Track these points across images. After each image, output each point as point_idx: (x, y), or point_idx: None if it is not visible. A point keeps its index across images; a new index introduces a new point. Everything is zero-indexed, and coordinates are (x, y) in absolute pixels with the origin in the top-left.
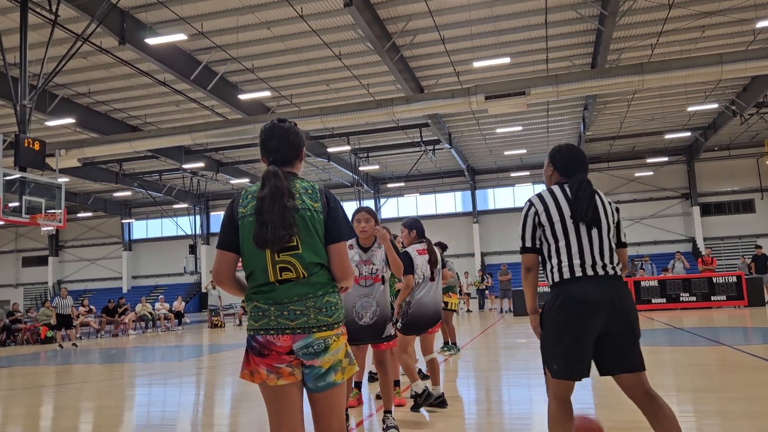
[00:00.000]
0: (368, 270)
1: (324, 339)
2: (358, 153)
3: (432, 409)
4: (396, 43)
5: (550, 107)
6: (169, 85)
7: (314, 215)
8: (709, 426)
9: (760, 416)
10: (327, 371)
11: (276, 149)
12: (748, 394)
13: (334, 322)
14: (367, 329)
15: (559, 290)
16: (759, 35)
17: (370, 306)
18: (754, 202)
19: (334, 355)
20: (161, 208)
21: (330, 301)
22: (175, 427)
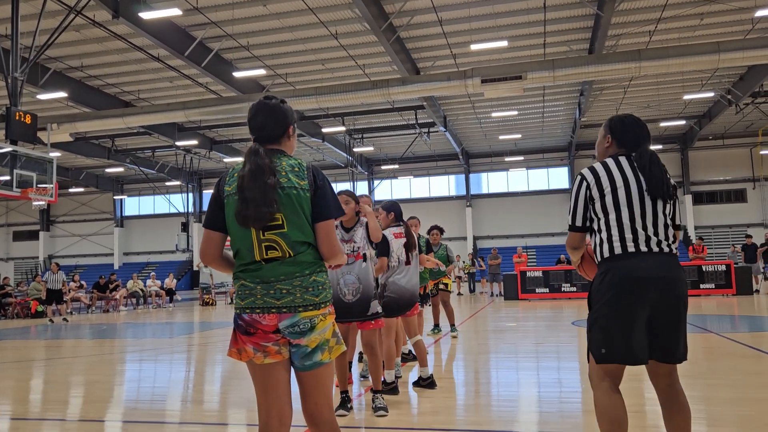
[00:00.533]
0: (350, 248)
1: (310, 318)
2: (353, 134)
3: (420, 390)
4: (393, 24)
5: (546, 92)
6: (163, 60)
7: (300, 193)
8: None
9: (744, 402)
10: (314, 350)
11: (261, 126)
12: (733, 381)
13: (321, 301)
14: (352, 306)
15: (608, 266)
16: (757, 24)
17: (353, 283)
18: (746, 192)
19: (321, 335)
20: (153, 185)
21: (317, 281)
22: (164, 403)
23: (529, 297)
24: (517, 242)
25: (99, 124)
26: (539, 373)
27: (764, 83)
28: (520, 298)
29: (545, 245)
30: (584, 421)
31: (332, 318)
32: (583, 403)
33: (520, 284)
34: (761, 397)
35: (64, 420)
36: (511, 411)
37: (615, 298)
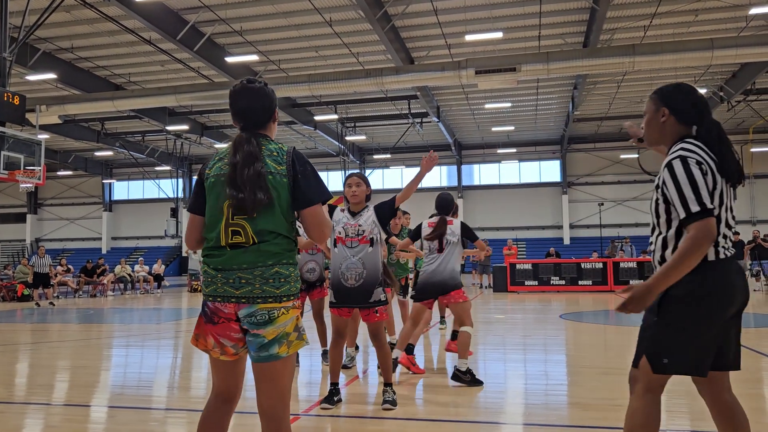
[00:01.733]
0: (354, 231)
1: (268, 310)
2: (345, 122)
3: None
4: (388, 12)
5: (540, 85)
6: (155, 44)
7: (276, 178)
8: (676, 405)
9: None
10: (271, 342)
11: (247, 111)
12: None
13: (283, 294)
14: (354, 291)
15: (706, 272)
16: (751, 22)
17: (356, 267)
18: (736, 189)
19: (280, 328)
20: (143, 169)
21: (280, 272)
22: (151, 389)
23: (518, 289)
24: (508, 234)
25: (88, 106)
26: (526, 365)
27: (756, 81)
28: (509, 291)
29: (535, 238)
30: (569, 413)
31: (296, 312)
32: (568, 396)
33: (510, 276)
34: (743, 392)
35: (49, 404)
36: (497, 403)
37: (710, 310)
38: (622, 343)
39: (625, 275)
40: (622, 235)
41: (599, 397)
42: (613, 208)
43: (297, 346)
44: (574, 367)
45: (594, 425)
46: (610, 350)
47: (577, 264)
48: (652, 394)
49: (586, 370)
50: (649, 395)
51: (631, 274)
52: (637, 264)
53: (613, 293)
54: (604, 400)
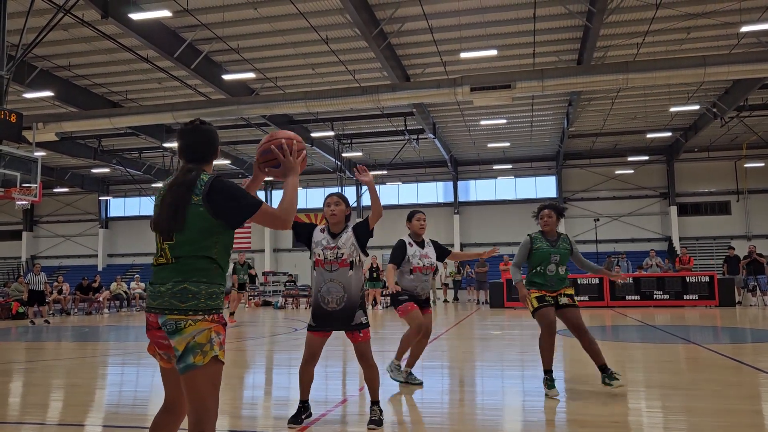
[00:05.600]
0: (333, 254)
1: (176, 321)
2: (342, 139)
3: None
4: (384, 30)
5: (535, 101)
6: (152, 62)
7: (193, 208)
8: (674, 422)
9: (724, 414)
10: (185, 352)
11: (184, 148)
12: (714, 392)
13: (189, 309)
14: (335, 315)
15: None
16: (743, 39)
17: (336, 291)
18: (730, 204)
19: (188, 338)
20: (140, 186)
21: (188, 289)
22: (147, 408)
23: (515, 305)
24: (504, 250)
25: (86, 124)
26: (524, 381)
27: (749, 97)
28: (505, 306)
29: None
30: (568, 430)
31: (210, 326)
32: (567, 413)
33: (506, 292)
34: (741, 408)
35: (43, 424)
36: (494, 420)
37: None
38: (618, 359)
39: (622, 291)
40: (618, 251)
41: (596, 414)
42: (608, 224)
43: (210, 355)
44: (571, 384)
45: None
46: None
47: (573, 280)
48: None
49: (584, 386)
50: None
51: (627, 289)
52: (633, 280)
53: (610, 309)
54: (601, 417)
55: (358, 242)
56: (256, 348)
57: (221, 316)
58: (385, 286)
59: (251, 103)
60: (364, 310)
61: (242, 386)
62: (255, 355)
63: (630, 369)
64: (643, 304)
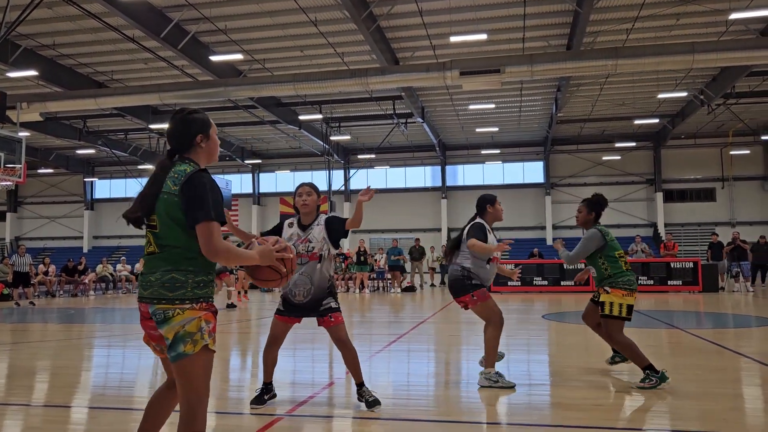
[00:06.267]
0: (305, 247)
1: (164, 311)
2: (330, 122)
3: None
4: (373, 13)
5: (524, 87)
6: (138, 41)
7: (169, 198)
8: (656, 405)
9: (705, 397)
10: (175, 341)
11: (167, 136)
12: (696, 376)
13: (176, 298)
14: (302, 307)
15: None
16: (731, 27)
17: (304, 284)
18: (715, 191)
19: (176, 327)
20: (126, 167)
21: (175, 278)
22: (133, 389)
23: (501, 290)
24: None
25: (70, 104)
26: (509, 365)
27: (736, 85)
28: (492, 291)
29: (519, 238)
30: (552, 413)
31: (200, 314)
32: (551, 396)
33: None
34: (722, 392)
35: (28, 405)
36: (479, 403)
37: None
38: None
39: None
40: None
41: (581, 397)
42: None
43: (200, 344)
44: (556, 367)
45: (576, 425)
46: (592, 351)
47: (559, 265)
48: None
49: (569, 370)
50: None
51: None
52: None
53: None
54: (585, 400)
55: (329, 237)
56: (243, 331)
57: (211, 305)
58: (372, 270)
59: (239, 85)
60: (334, 297)
61: (229, 369)
62: (242, 338)
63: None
64: None
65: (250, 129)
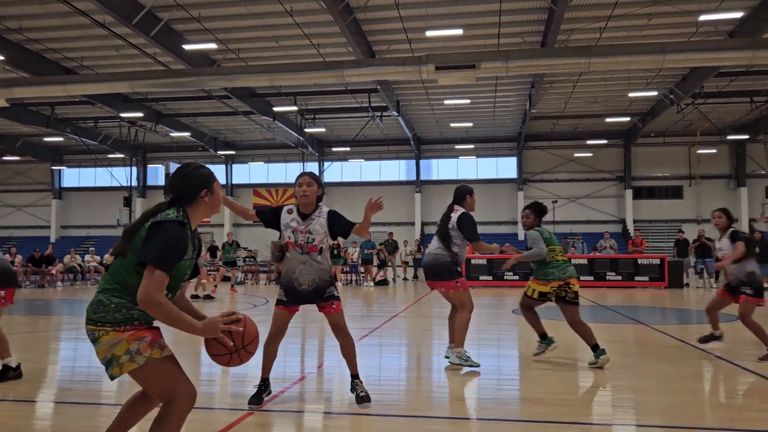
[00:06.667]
0: (305, 239)
1: (91, 331)
2: (305, 114)
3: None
4: (350, 4)
5: (499, 82)
6: (109, 27)
7: (137, 240)
8: (620, 400)
9: (667, 392)
10: (107, 364)
11: (171, 189)
12: (659, 371)
13: (99, 320)
14: (308, 295)
15: None
16: (701, 28)
17: (308, 274)
18: (683, 189)
19: (103, 348)
20: (95, 156)
21: (101, 301)
22: (101, 384)
23: (473, 284)
24: None
25: (38, 90)
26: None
27: (704, 85)
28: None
29: (491, 233)
30: (521, 407)
31: (121, 336)
32: (520, 390)
33: (465, 271)
34: (683, 387)
35: None
36: (450, 398)
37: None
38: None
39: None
40: (575, 232)
41: (549, 392)
42: (566, 206)
43: (129, 367)
44: (525, 362)
45: (543, 420)
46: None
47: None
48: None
49: (537, 365)
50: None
51: (582, 270)
52: (588, 261)
53: None
54: (553, 395)
55: (330, 231)
56: None
57: (139, 325)
58: (345, 263)
59: (212, 75)
60: (334, 286)
61: (199, 363)
62: None
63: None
64: (596, 285)
65: (224, 119)
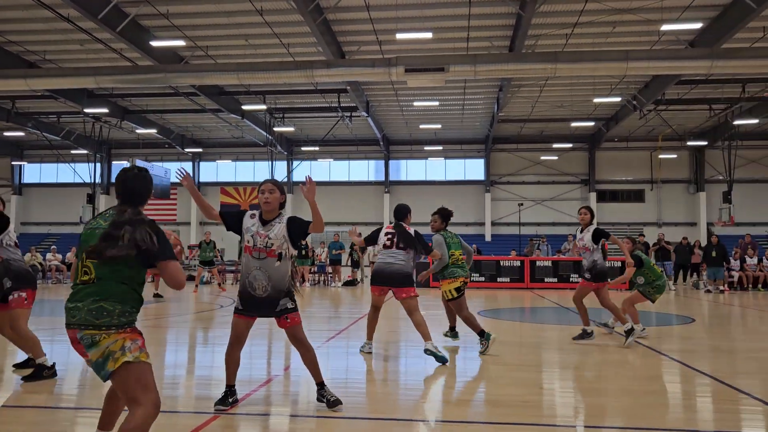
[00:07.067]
0: (263, 243)
1: (91, 336)
2: (274, 113)
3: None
4: (320, 5)
5: (467, 85)
6: (74, 21)
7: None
8: (579, 402)
9: (626, 394)
10: (101, 362)
11: (120, 191)
12: (618, 374)
13: (102, 324)
14: (260, 302)
15: None
16: (663, 37)
17: (261, 279)
18: (645, 193)
19: (102, 348)
20: (58, 152)
21: (103, 308)
22: (62, 387)
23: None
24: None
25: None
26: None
27: (666, 92)
28: (431, 286)
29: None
30: (486, 410)
31: (122, 335)
32: (486, 393)
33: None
34: (641, 389)
35: None
36: (414, 399)
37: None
38: (535, 341)
39: (541, 273)
40: (540, 234)
41: (510, 394)
42: (532, 208)
43: (122, 360)
44: (489, 364)
45: (504, 421)
46: (525, 347)
47: (496, 261)
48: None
49: (500, 366)
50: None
51: (546, 272)
52: (552, 263)
53: (530, 291)
54: (513, 396)
55: (290, 237)
56: (180, 325)
57: (135, 328)
58: (313, 264)
59: (180, 72)
60: (291, 298)
61: (163, 365)
62: (178, 333)
63: (545, 350)
64: (560, 287)
65: (191, 117)
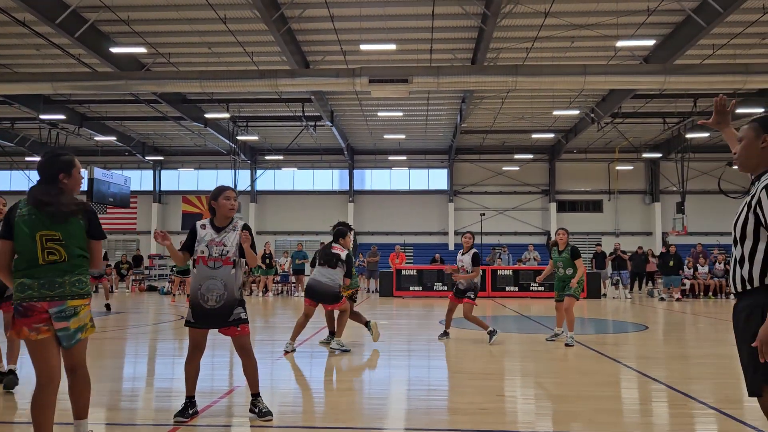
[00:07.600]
0: (218, 251)
1: (75, 306)
2: (237, 121)
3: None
4: (285, 14)
5: (431, 97)
6: (30, 26)
7: (74, 224)
8: (540, 408)
9: (584, 400)
10: (75, 331)
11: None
12: (577, 380)
13: (86, 294)
14: (214, 313)
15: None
16: (619, 53)
17: (217, 289)
18: (603, 203)
19: (82, 317)
20: (11, 159)
21: (82, 279)
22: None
23: (403, 294)
24: (397, 239)
25: None
26: (409, 370)
27: (622, 106)
28: (394, 295)
29: (422, 243)
30: (449, 418)
31: (89, 307)
32: (449, 401)
33: (396, 281)
34: (599, 395)
35: None
36: (378, 408)
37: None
38: (497, 349)
39: (502, 282)
40: (502, 243)
41: (470, 402)
42: (494, 218)
43: (91, 331)
44: (449, 372)
45: (462, 428)
46: (486, 356)
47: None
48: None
49: (461, 375)
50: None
51: (507, 281)
52: (512, 272)
53: (491, 299)
54: (473, 405)
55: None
56: (139, 336)
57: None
58: (276, 273)
59: (141, 79)
60: (243, 307)
61: (122, 378)
62: (137, 344)
63: (507, 358)
64: (521, 295)
65: (152, 124)
